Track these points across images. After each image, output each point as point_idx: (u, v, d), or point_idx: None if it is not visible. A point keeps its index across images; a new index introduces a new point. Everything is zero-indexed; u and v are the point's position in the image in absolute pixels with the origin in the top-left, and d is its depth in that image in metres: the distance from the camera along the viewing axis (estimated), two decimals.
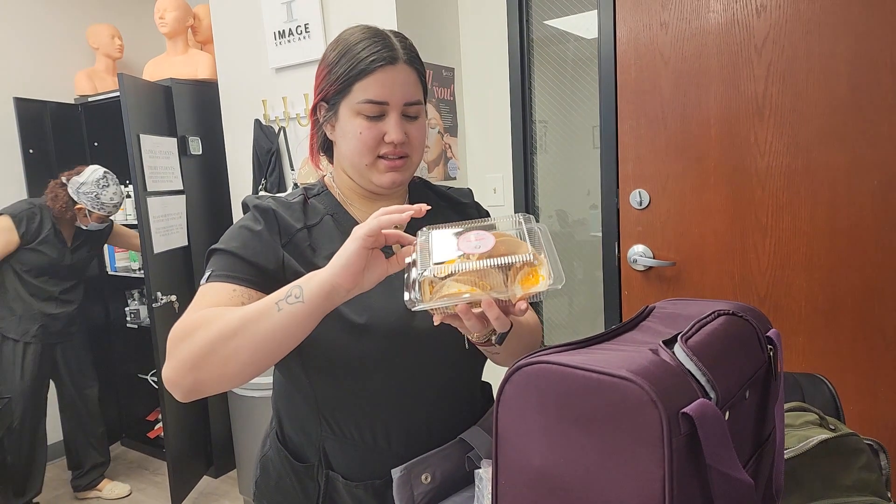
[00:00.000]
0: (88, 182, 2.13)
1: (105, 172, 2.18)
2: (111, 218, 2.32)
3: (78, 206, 2.15)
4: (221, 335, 0.61)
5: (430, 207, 0.63)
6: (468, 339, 0.72)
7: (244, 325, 0.61)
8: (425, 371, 0.77)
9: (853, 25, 1.30)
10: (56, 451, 2.63)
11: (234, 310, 0.63)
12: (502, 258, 0.58)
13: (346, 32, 0.78)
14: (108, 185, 2.15)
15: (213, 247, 0.74)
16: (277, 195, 0.80)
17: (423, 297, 0.57)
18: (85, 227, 2.23)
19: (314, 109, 0.80)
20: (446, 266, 0.58)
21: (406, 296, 0.57)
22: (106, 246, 2.76)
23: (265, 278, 0.72)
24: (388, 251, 0.71)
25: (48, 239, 2.16)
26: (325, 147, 0.83)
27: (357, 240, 0.59)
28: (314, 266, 0.71)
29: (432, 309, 0.58)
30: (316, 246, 0.76)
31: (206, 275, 0.71)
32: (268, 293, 0.66)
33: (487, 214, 0.95)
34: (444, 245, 0.60)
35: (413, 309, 0.57)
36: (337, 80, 0.74)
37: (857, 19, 1.29)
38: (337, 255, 0.61)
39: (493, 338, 0.67)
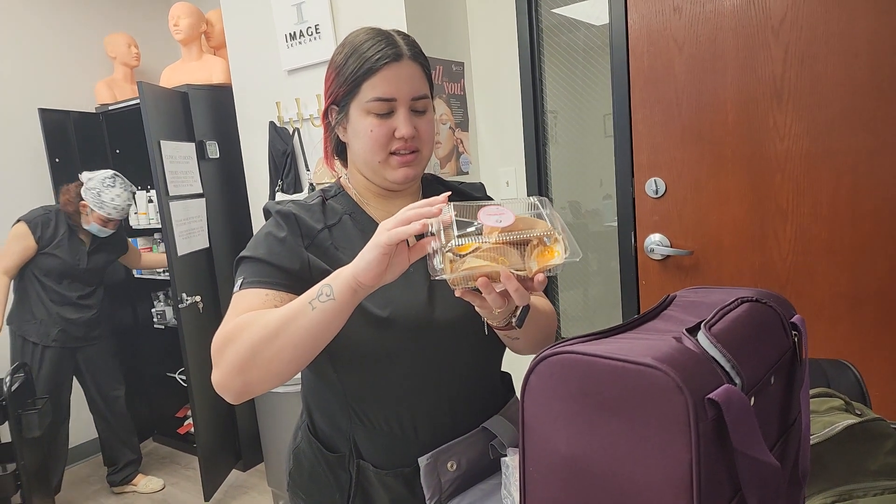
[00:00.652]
0: (95, 179, 2.19)
1: (115, 175, 2.22)
2: (128, 239, 2.36)
3: (82, 203, 2.20)
4: (263, 338, 0.65)
5: (450, 193, 0.65)
6: (489, 324, 0.74)
7: (283, 326, 0.64)
8: (447, 361, 0.79)
9: (873, 3, 1.27)
10: (94, 447, 2.71)
11: (271, 312, 0.67)
12: (519, 233, 0.60)
13: (351, 35, 0.80)
14: (112, 186, 2.19)
15: (241, 255, 0.77)
16: (296, 199, 0.83)
17: (444, 271, 0.59)
18: (86, 227, 2.26)
19: (326, 113, 0.81)
20: (467, 243, 0.60)
21: (429, 265, 0.60)
22: None
23: (293, 280, 0.74)
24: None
25: (62, 242, 2.21)
26: (338, 149, 0.85)
27: (379, 247, 0.61)
28: (339, 263, 0.73)
29: (453, 282, 0.61)
30: (338, 245, 0.78)
31: (239, 283, 0.74)
32: (298, 293, 0.69)
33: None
34: (464, 220, 0.63)
35: (435, 278, 0.60)
36: (345, 81, 0.76)
37: None
38: (360, 255, 0.63)
39: (514, 320, 0.70)
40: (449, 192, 0.66)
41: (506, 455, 0.77)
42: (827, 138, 1.36)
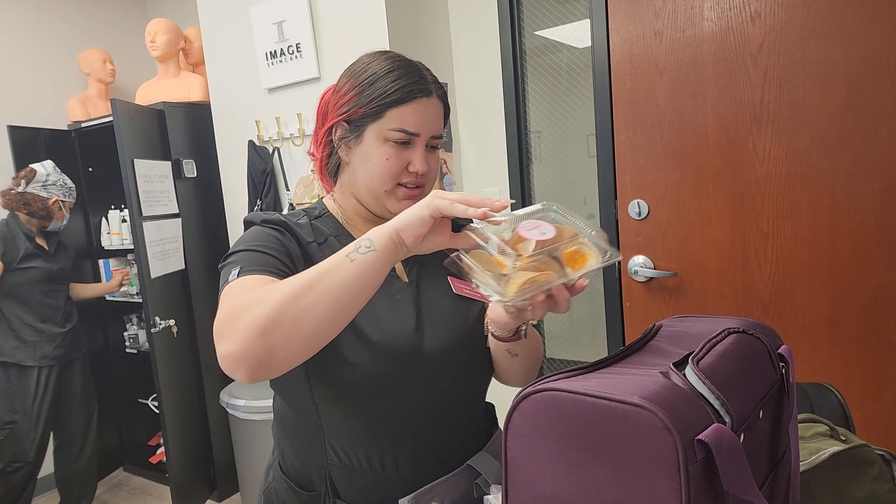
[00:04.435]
0: (52, 173, 2.16)
1: (51, 161, 2.21)
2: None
3: (52, 201, 2.14)
4: (292, 293, 0.57)
5: (513, 201, 0.65)
6: (493, 336, 0.74)
7: (317, 280, 0.58)
8: (433, 393, 0.76)
9: (849, 29, 1.30)
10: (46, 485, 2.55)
11: (298, 275, 0.60)
12: (553, 246, 0.61)
13: (373, 56, 0.78)
14: (61, 172, 2.19)
15: (231, 252, 0.72)
16: (281, 213, 0.80)
17: (505, 293, 0.59)
18: (62, 224, 2.21)
19: (329, 129, 0.78)
20: (513, 257, 0.60)
21: (487, 293, 0.59)
22: (103, 269, 2.75)
23: (290, 272, 0.70)
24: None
25: (29, 252, 2.13)
26: (331, 168, 0.83)
27: (430, 207, 0.60)
28: None
29: (512, 302, 0.60)
30: None
31: (235, 272, 0.67)
32: None
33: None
34: (502, 237, 0.62)
35: (505, 302, 0.58)
36: (369, 102, 0.74)
37: (853, 22, 1.29)
38: (405, 211, 0.61)
39: (523, 328, 0.70)
40: (512, 201, 0.64)
41: (489, 494, 0.74)
42: (805, 161, 1.38)
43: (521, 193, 1.88)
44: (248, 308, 0.58)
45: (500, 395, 0.90)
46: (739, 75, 1.42)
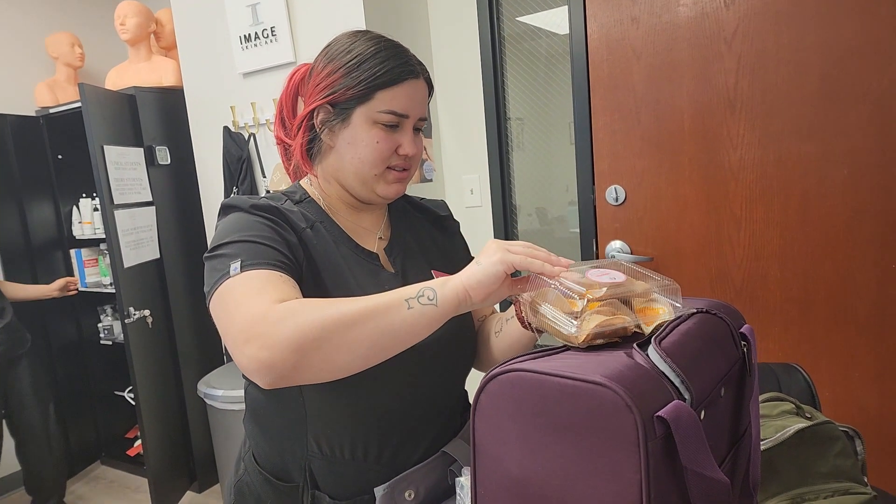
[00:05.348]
0: None
1: None
2: None
3: None
4: (339, 322, 0.57)
5: (571, 262, 0.62)
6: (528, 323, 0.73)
7: (367, 317, 0.57)
8: (420, 381, 0.76)
9: (821, 16, 1.31)
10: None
11: (347, 300, 0.59)
12: (626, 291, 0.61)
13: (353, 36, 0.75)
14: None
15: (221, 242, 0.67)
16: (263, 196, 0.75)
17: (580, 329, 0.58)
18: None
19: (311, 113, 0.75)
20: (590, 297, 0.59)
21: (561, 328, 0.58)
22: (75, 260, 2.68)
23: (297, 271, 0.68)
24: None
25: None
26: (310, 153, 0.79)
27: (504, 264, 0.59)
28: (328, 269, 0.71)
29: (585, 337, 0.59)
30: (321, 250, 0.73)
31: (236, 265, 0.63)
32: (303, 289, 0.65)
33: (459, 224, 0.94)
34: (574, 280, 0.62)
35: (577, 334, 0.57)
36: (357, 84, 0.71)
37: (825, 9, 1.30)
38: (477, 268, 0.60)
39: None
40: (571, 262, 0.62)
41: (460, 477, 0.74)
42: (777, 147, 1.40)
43: (501, 180, 1.87)
44: (290, 317, 0.56)
45: (472, 382, 0.90)
46: (714, 61, 1.43)
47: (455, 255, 0.89)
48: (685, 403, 0.51)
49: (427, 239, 0.86)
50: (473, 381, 0.87)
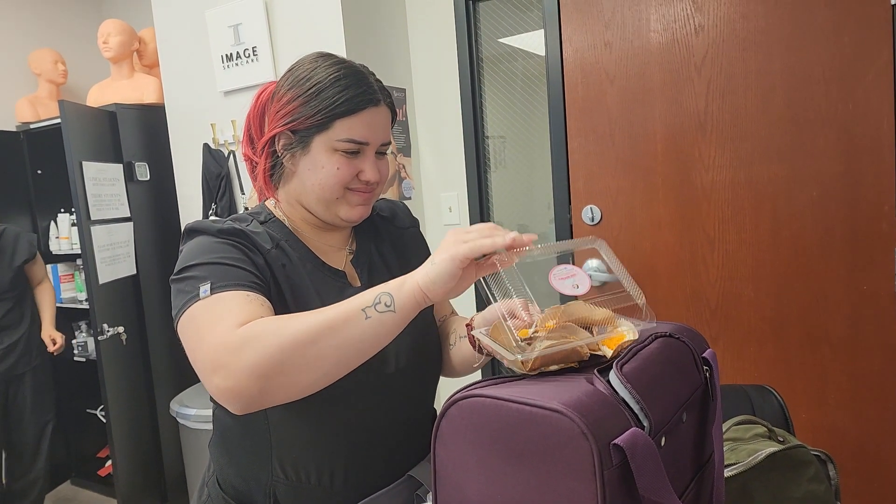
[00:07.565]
0: None
1: None
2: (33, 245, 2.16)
3: None
4: (298, 342, 0.56)
5: (535, 237, 0.61)
6: (479, 345, 0.72)
7: (326, 332, 0.57)
8: (388, 402, 0.75)
9: (786, 42, 1.35)
10: None
11: (299, 316, 0.59)
12: (585, 321, 0.59)
13: (315, 61, 0.75)
14: None
15: (186, 265, 0.67)
16: (228, 218, 0.76)
17: (525, 356, 0.56)
18: None
19: (272, 139, 0.75)
20: (544, 335, 0.58)
21: (505, 357, 0.57)
22: (51, 275, 2.63)
23: (266, 290, 0.67)
24: None
25: None
26: (273, 176, 0.79)
27: (455, 259, 0.58)
28: (295, 290, 0.71)
29: (532, 363, 0.57)
30: (288, 270, 0.73)
31: (205, 287, 0.63)
32: (274, 307, 0.65)
33: (417, 221, 0.94)
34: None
35: (522, 360, 0.55)
36: (316, 113, 0.71)
37: (789, 36, 1.35)
38: (430, 266, 0.59)
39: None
40: (535, 236, 0.61)
41: (425, 502, 0.73)
42: (748, 169, 1.43)
43: (479, 198, 1.88)
44: (248, 344, 0.56)
45: (438, 402, 0.90)
46: (685, 85, 1.47)
47: (416, 255, 0.88)
48: (643, 431, 0.50)
49: (388, 246, 0.86)
50: (441, 399, 0.86)
